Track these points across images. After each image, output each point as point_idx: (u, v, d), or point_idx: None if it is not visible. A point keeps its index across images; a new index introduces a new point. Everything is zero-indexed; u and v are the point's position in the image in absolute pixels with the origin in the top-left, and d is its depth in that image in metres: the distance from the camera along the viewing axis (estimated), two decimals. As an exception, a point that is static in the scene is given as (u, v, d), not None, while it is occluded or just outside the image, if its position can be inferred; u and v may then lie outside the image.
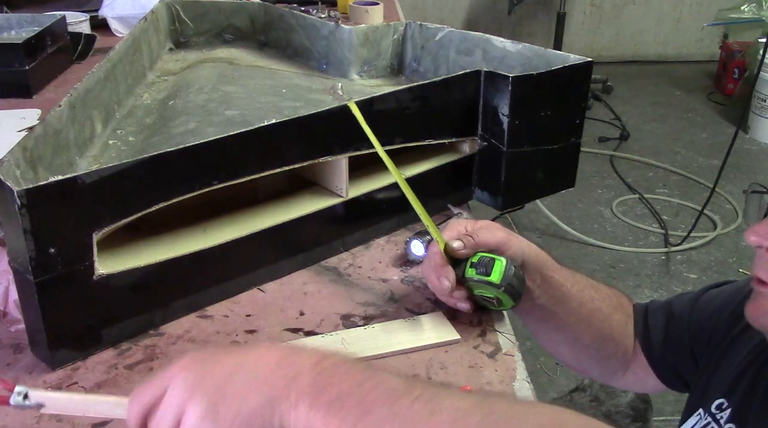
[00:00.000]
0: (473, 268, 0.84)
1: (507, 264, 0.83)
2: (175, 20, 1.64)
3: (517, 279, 0.84)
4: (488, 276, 0.83)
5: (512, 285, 0.83)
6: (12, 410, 0.75)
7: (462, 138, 1.13)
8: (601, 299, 0.94)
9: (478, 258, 0.85)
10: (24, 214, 0.72)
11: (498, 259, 0.84)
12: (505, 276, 0.83)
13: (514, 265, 0.84)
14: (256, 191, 1.03)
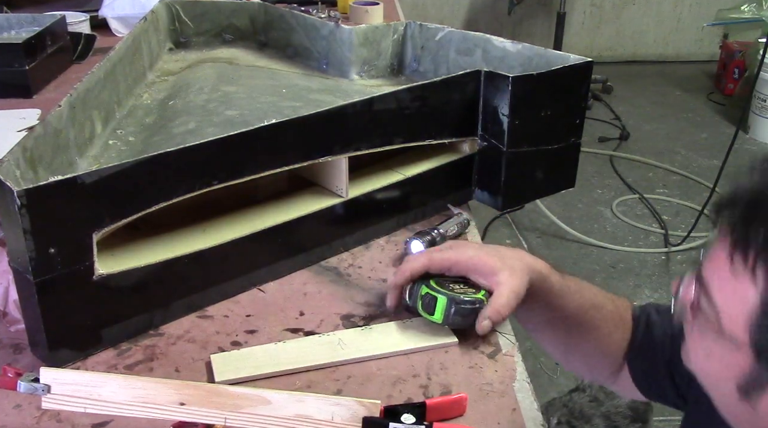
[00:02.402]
0: (421, 301, 0.86)
1: (447, 304, 0.84)
2: (175, 20, 1.64)
3: (460, 316, 0.84)
4: (431, 315, 0.85)
5: (455, 322, 0.85)
6: (12, 410, 0.76)
7: (462, 138, 1.13)
8: (602, 318, 0.91)
9: (425, 291, 0.85)
10: (24, 214, 0.72)
11: (440, 298, 0.84)
12: (446, 315, 0.84)
13: (457, 301, 0.83)
14: (256, 191, 1.03)
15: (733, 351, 0.62)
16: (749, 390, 0.62)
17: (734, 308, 0.61)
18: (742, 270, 0.60)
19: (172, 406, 0.66)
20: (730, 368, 0.63)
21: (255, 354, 0.84)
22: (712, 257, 0.65)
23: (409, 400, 0.78)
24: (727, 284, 0.62)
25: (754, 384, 0.61)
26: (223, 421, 0.67)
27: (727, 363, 0.63)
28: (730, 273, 0.62)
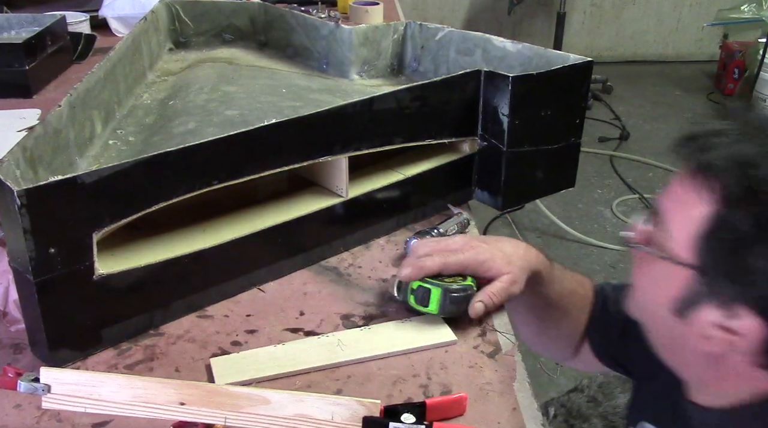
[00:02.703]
0: (413, 294, 0.88)
1: (442, 295, 0.87)
2: (175, 20, 1.64)
3: (454, 304, 0.87)
4: (426, 307, 0.88)
5: (450, 311, 0.88)
6: (12, 410, 0.76)
7: (462, 138, 1.13)
8: (574, 303, 0.98)
9: (417, 285, 0.87)
10: (24, 214, 0.72)
11: (433, 290, 0.86)
12: (441, 306, 0.87)
13: (450, 291, 0.87)
14: (256, 191, 1.03)
15: (675, 273, 0.69)
16: (685, 307, 0.69)
17: (682, 229, 0.68)
18: (691, 193, 0.67)
19: (172, 406, 0.66)
20: (670, 288, 0.69)
21: (255, 357, 0.84)
22: (668, 190, 0.72)
23: (409, 400, 0.78)
24: (677, 208, 0.69)
25: (690, 300, 0.68)
26: (223, 421, 0.67)
27: (669, 284, 0.70)
28: (681, 198, 0.69)
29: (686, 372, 0.77)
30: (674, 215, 0.70)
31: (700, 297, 0.67)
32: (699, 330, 0.68)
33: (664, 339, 0.76)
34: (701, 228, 0.66)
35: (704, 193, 0.66)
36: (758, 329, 0.65)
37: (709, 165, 0.67)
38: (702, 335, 0.68)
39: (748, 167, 0.65)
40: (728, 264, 0.65)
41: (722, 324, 0.66)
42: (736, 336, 0.66)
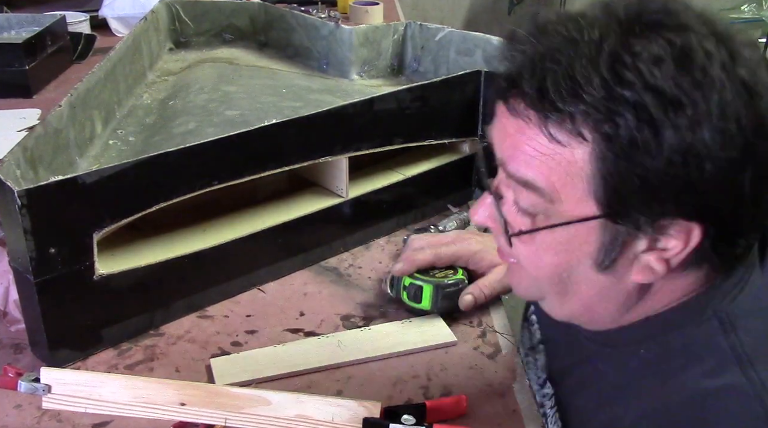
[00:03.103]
0: (406, 291, 0.89)
1: (434, 291, 0.88)
2: (175, 20, 1.64)
3: (447, 300, 0.89)
4: (419, 304, 0.89)
5: (442, 307, 0.89)
6: (12, 410, 0.76)
7: (462, 138, 1.13)
8: None
9: (408, 282, 0.89)
10: (24, 214, 0.72)
11: (425, 286, 0.88)
12: (434, 302, 0.88)
13: (442, 286, 0.88)
14: (256, 191, 1.03)
15: (580, 231, 0.60)
16: (608, 258, 0.61)
17: (570, 181, 0.58)
18: (566, 136, 0.57)
19: (172, 406, 0.66)
20: (581, 248, 0.61)
21: (254, 357, 0.84)
22: (511, 151, 0.62)
23: (409, 401, 0.78)
24: (553, 162, 0.59)
25: (612, 247, 0.60)
26: (224, 421, 0.67)
27: (577, 245, 0.62)
28: (550, 148, 0.58)
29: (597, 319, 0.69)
30: (552, 171, 0.59)
31: (619, 238, 0.59)
32: (627, 270, 0.62)
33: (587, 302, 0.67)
34: (595, 169, 0.57)
35: (583, 128, 0.56)
36: (686, 234, 0.58)
37: (571, 98, 0.56)
38: (635, 271, 0.62)
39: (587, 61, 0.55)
40: (636, 184, 0.56)
41: (653, 249, 0.60)
42: (669, 252, 0.59)
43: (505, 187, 0.65)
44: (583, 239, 0.61)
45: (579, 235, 0.61)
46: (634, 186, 0.56)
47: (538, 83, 0.57)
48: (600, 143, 0.56)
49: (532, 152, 0.59)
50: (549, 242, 0.63)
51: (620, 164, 0.56)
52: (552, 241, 0.62)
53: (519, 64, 0.59)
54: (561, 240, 0.62)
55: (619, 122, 0.55)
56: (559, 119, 0.57)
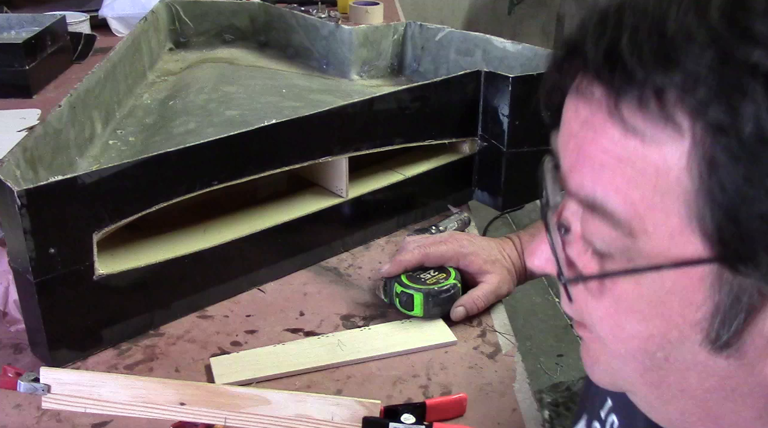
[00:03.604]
0: (398, 298, 0.89)
1: (424, 299, 0.88)
2: (175, 20, 1.64)
3: (438, 306, 0.88)
4: (411, 311, 0.89)
5: (434, 314, 0.89)
6: (12, 410, 0.76)
7: (462, 138, 1.13)
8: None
9: (400, 290, 0.88)
10: (24, 214, 0.72)
11: (416, 294, 0.87)
12: (425, 309, 0.88)
13: (433, 294, 0.88)
14: (256, 191, 1.03)
15: (679, 283, 0.39)
16: (726, 329, 0.39)
17: (659, 202, 0.38)
18: (651, 126, 0.37)
19: (172, 406, 0.66)
20: (684, 313, 0.40)
21: (254, 357, 0.84)
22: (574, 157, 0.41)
23: (409, 400, 0.78)
24: (632, 170, 0.38)
25: (732, 313, 0.38)
26: (223, 421, 0.67)
27: (677, 307, 0.40)
28: (627, 147, 0.38)
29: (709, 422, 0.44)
30: (625, 189, 0.39)
31: (744, 297, 0.38)
32: (762, 353, 0.39)
33: (686, 398, 0.44)
34: (688, 182, 0.36)
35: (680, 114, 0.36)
36: None
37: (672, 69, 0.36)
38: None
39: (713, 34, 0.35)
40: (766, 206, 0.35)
41: None
42: None
43: (572, 215, 0.44)
44: (686, 298, 0.39)
45: (678, 291, 0.39)
46: (763, 209, 0.35)
47: (609, 43, 0.38)
48: (706, 137, 0.36)
49: (601, 156, 0.39)
50: (632, 299, 0.41)
51: (740, 172, 0.35)
52: (637, 298, 0.41)
53: (584, 22, 0.40)
54: (650, 297, 0.40)
55: (739, 104, 0.34)
56: (639, 97, 0.37)
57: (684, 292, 0.39)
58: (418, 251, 0.90)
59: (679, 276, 0.39)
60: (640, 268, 0.40)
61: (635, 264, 0.40)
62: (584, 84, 0.40)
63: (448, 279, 0.89)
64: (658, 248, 0.39)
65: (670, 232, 0.38)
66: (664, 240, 0.38)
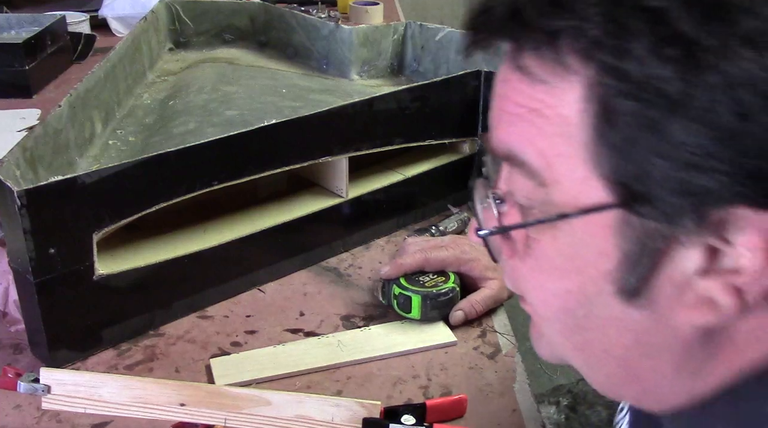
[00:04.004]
0: (396, 301, 0.89)
1: (422, 301, 0.87)
2: (175, 20, 1.64)
3: (436, 310, 0.88)
4: (409, 314, 0.88)
5: (433, 316, 0.88)
6: (12, 410, 0.76)
7: (462, 138, 1.13)
8: None
9: (398, 292, 0.88)
10: (24, 215, 0.72)
11: (414, 297, 0.87)
12: (423, 312, 0.88)
13: (431, 297, 0.87)
14: (256, 191, 1.03)
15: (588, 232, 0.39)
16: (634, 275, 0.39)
17: (565, 149, 0.38)
18: (548, 71, 0.38)
19: (172, 407, 0.66)
20: (595, 264, 0.40)
21: (254, 357, 0.84)
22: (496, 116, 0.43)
23: (409, 401, 0.78)
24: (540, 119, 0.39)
25: (639, 258, 0.38)
26: (223, 422, 0.67)
27: (589, 258, 0.40)
28: (534, 97, 0.39)
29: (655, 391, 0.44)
30: (531, 138, 0.40)
31: (650, 242, 0.38)
32: (674, 303, 0.39)
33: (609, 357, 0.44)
34: (585, 123, 0.37)
35: (571, 59, 0.37)
36: (764, 239, 0.36)
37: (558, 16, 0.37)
38: (688, 306, 0.39)
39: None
40: (664, 144, 0.35)
41: (712, 269, 0.37)
42: (738, 273, 0.37)
43: (502, 181, 0.45)
44: (597, 247, 0.40)
45: (589, 241, 0.40)
46: (660, 147, 0.35)
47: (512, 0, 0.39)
48: (597, 79, 0.36)
49: (515, 109, 0.40)
50: (551, 255, 0.42)
51: (629, 112, 0.35)
52: (555, 254, 0.42)
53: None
54: (566, 250, 0.41)
55: (626, 44, 0.35)
56: (536, 45, 0.38)
57: (595, 242, 0.39)
58: (419, 255, 0.90)
59: (588, 226, 0.39)
60: (552, 218, 0.40)
61: (548, 214, 0.40)
62: (498, 44, 0.41)
63: (447, 283, 0.89)
64: (567, 197, 0.39)
65: (577, 180, 0.39)
66: (572, 188, 0.39)
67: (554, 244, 0.42)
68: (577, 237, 0.40)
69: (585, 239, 0.40)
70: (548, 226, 0.41)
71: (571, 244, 0.41)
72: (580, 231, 0.40)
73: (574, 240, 0.40)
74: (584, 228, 0.40)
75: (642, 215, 0.37)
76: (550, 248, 0.42)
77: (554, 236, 0.41)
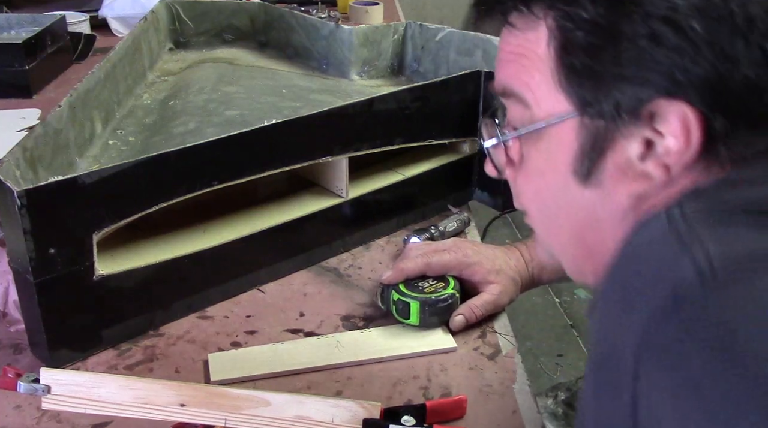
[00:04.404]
0: (395, 306, 0.88)
1: (421, 307, 0.87)
2: (175, 20, 1.64)
3: (435, 316, 0.87)
4: (407, 320, 0.88)
5: (432, 323, 0.88)
6: (12, 410, 0.76)
7: (462, 138, 1.13)
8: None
9: (396, 297, 0.88)
10: (24, 215, 0.72)
11: (412, 303, 0.87)
12: (422, 318, 0.87)
13: (430, 303, 0.87)
14: (256, 191, 1.03)
15: (557, 136, 0.54)
16: (588, 162, 0.53)
17: (541, 78, 0.54)
18: (524, 21, 0.55)
19: (172, 407, 0.66)
20: (562, 159, 0.54)
21: (252, 355, 0.84)
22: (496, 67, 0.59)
23: (409, 402, 0.78)
24: (524, 59, 0.55)
25: (592, 150, 0.52)
26: (224, 422, 0.67)
27: (558, 156, 0.55)
28: (518, 44, 0.55)
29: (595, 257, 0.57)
30: (520, 69, 0.55)
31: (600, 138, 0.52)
32: (618, 181, 0.52)
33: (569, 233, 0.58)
34: (551, 54, 0.53)
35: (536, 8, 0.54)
36: (684, 126, 0.48)
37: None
38: (628, 181, 0.52)
39: None
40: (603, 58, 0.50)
41: (648, 154, 0.51)
42: (666, 154, 0.50)
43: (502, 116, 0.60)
44: (565, 147, 0.54)
45: (560, 143, 0.54)
46: (602, 67, 0.50)
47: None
48: (556, 22, 0.52)
49: (507, 55, 0.57)
50: (536, 160, 0.57)
51: (582, 40, 0.51)
52: (538, 159, 0.57)
53: None
54: (545, 153, 0.56)
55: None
56: (517, 6, 0.55)
57: (563, 142, 0.54)
58: (421, 259, 0.90)
59: (559, 131, 0.54)
60: (535, 128, 0.55)
61: (533, 127, 0.55)
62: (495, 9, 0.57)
63: (447, 289, 0.88)
64: (544, 112, 0.54)
65: (550, 99, 0.54)
66: (547, 105, 0.54)
67: (537, 151, 0.56)
68: (552, 142, 0.55)
69: (557, 141, 0.54)
70: (534, 138, 0.56)
71: (548, 149, 0.55)
72: (554, 137, 0.54)
73: (550, 145, 0.55)
74: (556, 134, 0.54)
75: (593, 118, 0.52)
76: (535, 154, 0.57)
77: (537, 146, 0.56)
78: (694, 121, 0.48)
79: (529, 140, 0.57)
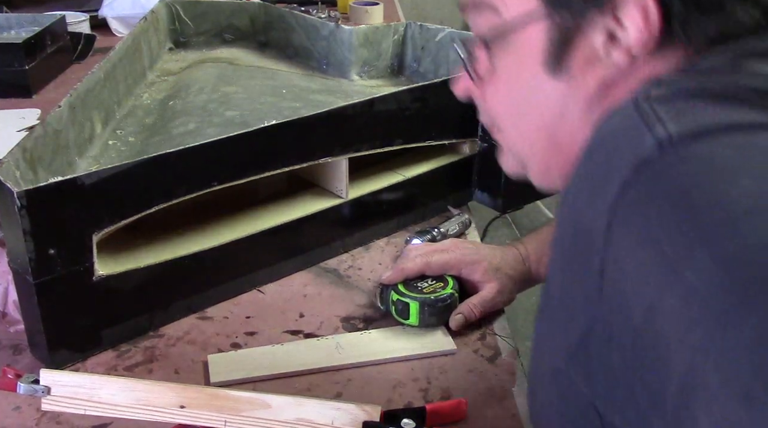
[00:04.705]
0: (394, 307, 0.88)
1: (420, 308, 0.87)
2: (175, 20, 1.64)
3: (435, 316, 0.88)
4: (407, 320, 0.88)
5: (431, 323, 0.88)
6: (12, 411, 0.76)
7: (462, 139, 1.13)
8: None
9: (396, 298, 0.88)
10: (24, 215, 0.72)
11: (412, 303, 0.87)
12: (421, 318, 0.87)
13: (429, 303, 0.87)
14: (256, 192, 1.03)
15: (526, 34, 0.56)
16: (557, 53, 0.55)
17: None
18: None
19: (172, 409, 0.66)
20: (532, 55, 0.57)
21: (252, 356, 0.84)
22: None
23: (408, 404, 0.78)
24: None
25: (561, 43, 0.55)
26: (223, 424, 0.66)
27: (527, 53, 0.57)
28: None
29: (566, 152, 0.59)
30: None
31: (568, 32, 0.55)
32: (585, 70, 0.55)
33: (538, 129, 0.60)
34: None
35: None
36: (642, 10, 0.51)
37: None
38: (595, 69, 0.55)
39: None
40: None
41: (612, 42, 0.54)
42: (628, 40, 0.53)
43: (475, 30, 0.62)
44: (535, 45, 0.56)
45: (530, 42, 0.56)
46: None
47: None
48: None
49: None
50: (508, 65, 0.59)
51: None
52: (510, 63, 0.59)
53: None
54: (516, 56, 0.58)
55: None
56: None
57: (533, 41, 0.56)
58: (420, 259, 0.90)
59: (528, 30, 0.56)
60: (506, 30, 0.57)
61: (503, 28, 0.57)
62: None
63: (446, 289, 0.88)
64: (514, 14, 0.56)
65: (518, 2, 0.56)
66: (515, 7, 0.56)
67: (507, 54, 0.58)
68: (523, 43, 0.57)
69: (526, 40, 0.56)
70: (504, 43, 0.58)
71: (518, 49, 0.57)
72: (523, 37, 0.57)
73: (521, 44, 0.57)
74: (526, 33, 0.56)
75: (560, 11, 0.54)
76: (504, 58, 0.59)
77: (507, 50, 0.58)
78: (651, 6, 0.51)
79: (499, 46, 0.59)
